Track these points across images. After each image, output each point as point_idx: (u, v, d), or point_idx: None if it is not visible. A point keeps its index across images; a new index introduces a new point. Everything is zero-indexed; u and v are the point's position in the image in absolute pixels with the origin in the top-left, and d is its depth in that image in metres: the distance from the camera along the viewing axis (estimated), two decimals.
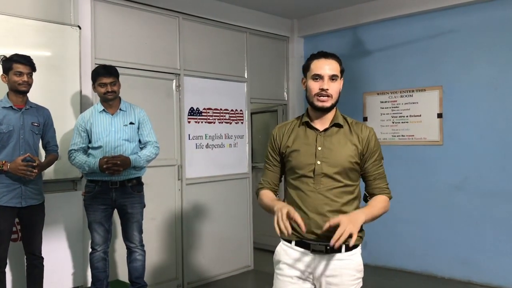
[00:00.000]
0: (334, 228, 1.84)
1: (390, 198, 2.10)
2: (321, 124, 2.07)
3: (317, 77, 2.00)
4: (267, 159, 2.22)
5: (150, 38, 4.47)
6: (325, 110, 2.03)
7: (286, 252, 2.07)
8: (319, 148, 2.02)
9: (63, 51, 3.79)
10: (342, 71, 2.06)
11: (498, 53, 4.51)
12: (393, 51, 5.21)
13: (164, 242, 4.53)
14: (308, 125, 2.09)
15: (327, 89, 1.99)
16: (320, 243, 1.96)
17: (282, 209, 1.84)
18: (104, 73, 3.40)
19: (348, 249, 1.97)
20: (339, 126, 2.06)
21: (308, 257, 2.01)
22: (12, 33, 3.50)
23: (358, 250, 2.05)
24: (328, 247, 1.93)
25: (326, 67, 2.00)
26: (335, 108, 2.08)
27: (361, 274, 2.05)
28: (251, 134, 5.52)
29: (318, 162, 2.00)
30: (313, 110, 2.07)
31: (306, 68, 2.06)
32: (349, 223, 1.79)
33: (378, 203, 2.05)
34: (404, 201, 5.10)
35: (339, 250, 1.95)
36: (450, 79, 4.81)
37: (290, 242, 2.06)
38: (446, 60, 4.83)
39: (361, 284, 2.06)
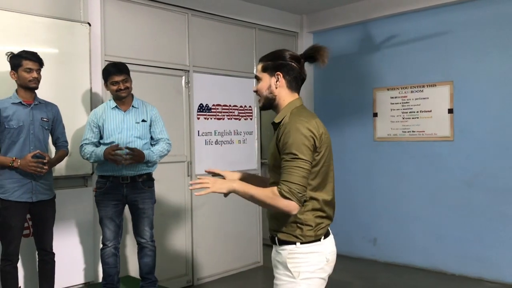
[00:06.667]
0: (273, 226, 2.03)
1: (282, 194, 1.85)
2: None
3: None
4: None
5: (159, 35, 4.47)
6: (264, 109, 2.15)
7: None
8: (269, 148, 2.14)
9: (73, 48, 3.81)
10: (266, 68, 2.07)
11: (510, 47, 4.46)
12: (403, 46, 5.17)
13: (174, 238, 4.55)
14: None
15: (256, 91, 2.13)
16: (269, 233, 2.10)
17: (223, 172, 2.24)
18: (115, 71, 3.40)
19: (280, 243, 2.01)
20: (274, 124, 2.08)
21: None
22: (22, 31, 3.53)
23: (288, 247, 1.97)
24: (270, 238, 2.07)
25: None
26: (283, 105, 2.07)
27: (291, 274, 1.94)
28: (260, 130, 5.51)
29: (267, 161, 2.17)
30: None
31: None
32: (211, 181, 1.95)
33: (264, 189, 1.93)
34: (414, 197, 5.07)
35: (274, 242, 2.04)
36: (461, 74, 4.76)
37: None
38: (457, 55, 4.78)
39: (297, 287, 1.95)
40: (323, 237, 1.99)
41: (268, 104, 2.10)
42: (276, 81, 2.05)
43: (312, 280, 1.96)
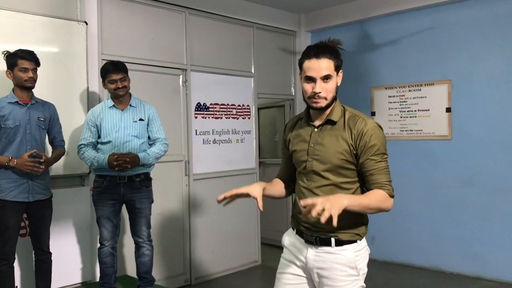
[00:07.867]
0: (331, 228, 1.87)
1: (391, 195, 1.91)
2: (319, 120, 2.03)
3: (309, 79, 1.93)
4: (282, 150, 2.29)
5: (157, 34, 4.46)
6: (321, 109, 1.98)
7: (290, 237, 2.14)
8: (312, 145, 2.01)
9: (70, 47, 3.80)
10: (338, 67, 1.95)
11: (508, 46, 4.46)
12: (401, 45, 5.17)
13: (171, 238, 4.54)
14: (306, 121, 2.08)
15: (320, 92, 1.91)
16: (312, 234, 2.00)
17: (243, 188, 2.06)
18: (113, 70, 3.39)
19: (338, 243, 1.96)
20: (332, 122, 2.00)
21: (303, 246, 2.05)
22: (19, 29, 3.52)
23: (350, 246, 1.97)
24: (317, 239, 1.98)
25: (317, 68, 1.90)
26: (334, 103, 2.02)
27: (356, 272, 1.96)
28: (258, 129, 5.51)
29: (310, 159, 2.00)
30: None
31: (300, 66, 2.00)
32: (326, 202, 1.66)
33: (372, 195, 1.88)
34: (412, 196, 5.07)
35: (328, 243, 1.96)
36: (459, 73, 4.76)
37: (293, 229, 2.14)
38: (455, 53, 4.78)
39: (359, 283, 1.98)
40: None
41: (330, 104, 1.97)
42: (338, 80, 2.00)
43: (365, 274, 2.02)
